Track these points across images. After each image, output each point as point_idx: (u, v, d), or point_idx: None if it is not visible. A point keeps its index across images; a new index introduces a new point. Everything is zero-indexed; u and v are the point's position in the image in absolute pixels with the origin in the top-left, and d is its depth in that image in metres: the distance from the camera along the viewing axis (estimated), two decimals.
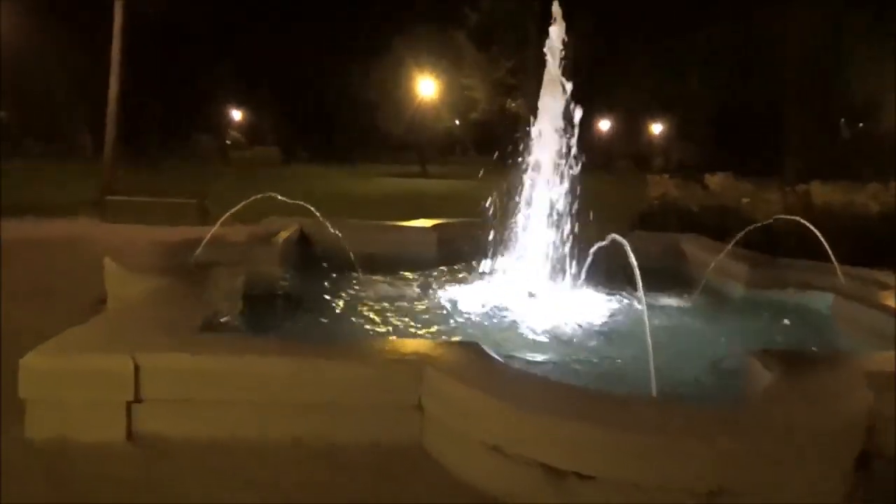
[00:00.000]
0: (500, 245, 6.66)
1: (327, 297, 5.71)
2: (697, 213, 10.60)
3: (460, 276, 6.73)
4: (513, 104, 29.60)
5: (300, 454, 3.07)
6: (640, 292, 3.46)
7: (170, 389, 3.13)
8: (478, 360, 3.19)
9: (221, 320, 3.99)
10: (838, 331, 5.16)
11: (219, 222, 5.86)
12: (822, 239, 5.92)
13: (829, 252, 5.90)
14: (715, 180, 11.26)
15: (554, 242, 6.37)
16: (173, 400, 3.15)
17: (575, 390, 3.05)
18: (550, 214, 6.26)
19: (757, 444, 2.62)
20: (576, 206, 6.31)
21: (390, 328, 4.93)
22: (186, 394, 3.14)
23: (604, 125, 47.11)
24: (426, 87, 29.07)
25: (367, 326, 4.96)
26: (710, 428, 2.66)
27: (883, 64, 21.09)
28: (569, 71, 6.17)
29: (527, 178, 6.37)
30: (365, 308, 5.47)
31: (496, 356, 3.29)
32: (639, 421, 2.67)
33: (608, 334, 4.97)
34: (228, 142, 52.84)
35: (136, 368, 3.05)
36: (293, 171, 30.89)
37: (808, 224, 6.02)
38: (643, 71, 32.06)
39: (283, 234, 6.70)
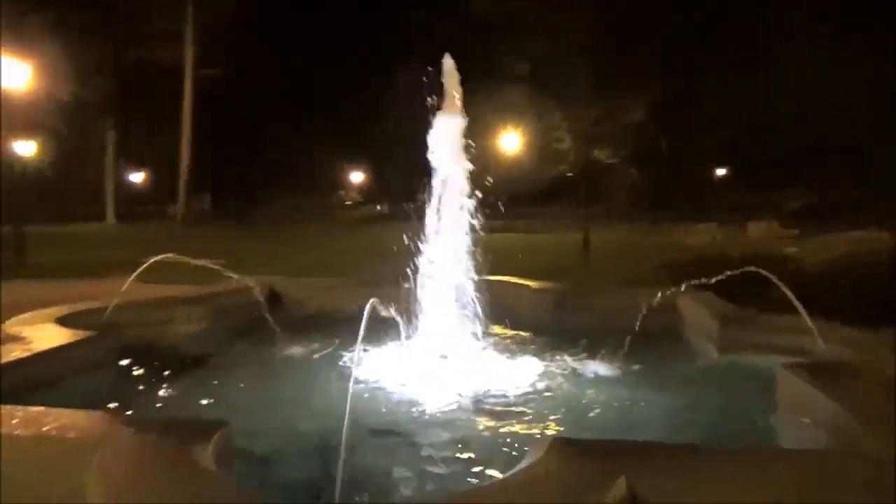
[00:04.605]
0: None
1: (232, 360, 5.45)
2: (737, 263, 9.42)
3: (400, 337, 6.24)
4: (601, 154, 28.67)
5: None
6: None
7: None
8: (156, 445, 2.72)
9: None
10: (769, 408, 4.13)
11: (128, 282, 5.79)
12: (790, 294, 4.92)
13: (801, 309, 4.88)
14: (756, 227, 10.00)
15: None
16: None
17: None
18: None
19: None
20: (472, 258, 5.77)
21: (266, 395, 4.57)
22: None
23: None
24: (510, 141, 28.77)
25: (238, 393, 4.62)
26: None
27: None
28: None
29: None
30: (260, 371, 5.16)
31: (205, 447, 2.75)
32: None
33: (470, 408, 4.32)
34: (349, 202, 55.79)
35: None
36: (384, 227, 31.56)
37: (769, 275, 5.06)
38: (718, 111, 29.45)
39: (216, 294, 6.57)
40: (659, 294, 6.15)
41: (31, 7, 14.28)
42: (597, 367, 5.29)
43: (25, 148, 28.91)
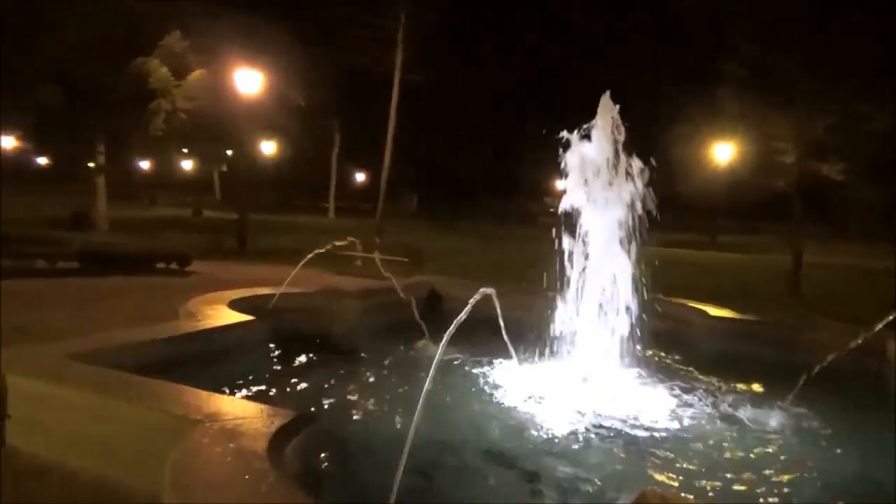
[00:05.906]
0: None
1: (370, 355, 5.58)
2: None
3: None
4: (835, 168, 25.21)
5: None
6: None
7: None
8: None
9: None
10: None
11: (294, 272, 6.15)
12: None
13: None
14: None
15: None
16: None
17: None
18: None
19: None
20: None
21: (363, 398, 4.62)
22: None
23: None
24: (721, 151, 26.46)
25: (359, 387, 4.72)
26: None
27: None
28: None
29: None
30: (391, 368, 5.22)
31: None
32: None
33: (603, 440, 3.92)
34: (552, 209, 56.24)
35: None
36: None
37: None
38: None
39: (372, 291, 6.78)
40: (863, 333, 5.22)
41: (264, 19, 16.07)
42: (762, 413, 4.59)
43: (267, 147, 32.92)
